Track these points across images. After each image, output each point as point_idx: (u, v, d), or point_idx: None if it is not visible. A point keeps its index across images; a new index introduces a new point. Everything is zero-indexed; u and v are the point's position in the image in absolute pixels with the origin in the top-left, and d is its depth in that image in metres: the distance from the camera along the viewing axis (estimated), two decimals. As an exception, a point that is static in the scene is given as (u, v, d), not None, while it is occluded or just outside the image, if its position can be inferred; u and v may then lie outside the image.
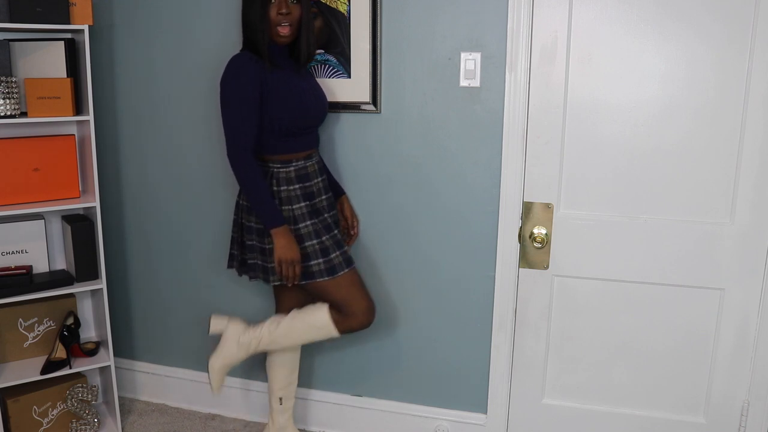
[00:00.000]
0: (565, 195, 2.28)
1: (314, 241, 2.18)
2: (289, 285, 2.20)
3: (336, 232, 2.27)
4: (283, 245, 2.13)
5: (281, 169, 2.19)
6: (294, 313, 2.31)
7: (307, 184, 2.22)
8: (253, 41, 2.12)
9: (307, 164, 2.23)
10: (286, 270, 2.14)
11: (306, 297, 2.35)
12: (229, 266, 2.36)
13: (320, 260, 2.18)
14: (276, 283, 2.23)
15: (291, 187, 2.18)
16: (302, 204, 2.19)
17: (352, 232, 2.47)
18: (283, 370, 2.45)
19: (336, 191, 2.43)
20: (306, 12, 2.16)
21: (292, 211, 2.18)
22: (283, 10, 2.08)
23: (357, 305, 2.24)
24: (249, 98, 2.07)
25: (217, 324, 2.35)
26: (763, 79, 2.03)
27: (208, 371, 2.33)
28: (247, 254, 2.27)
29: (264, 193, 2.12)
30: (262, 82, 2.09)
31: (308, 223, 2.19)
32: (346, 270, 2.22)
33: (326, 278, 2.19)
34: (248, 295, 2.69)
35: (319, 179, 2.27)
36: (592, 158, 2.23)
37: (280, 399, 2.47)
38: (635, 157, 2.19)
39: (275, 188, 2.18)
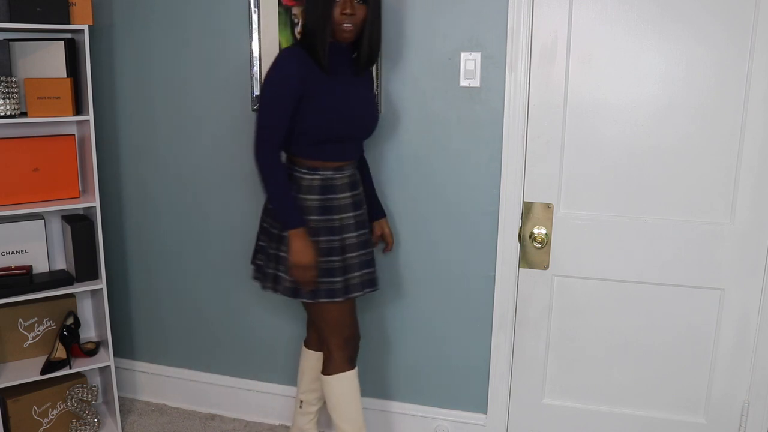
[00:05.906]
0: (565, 195, 2.28)
1: (320, 259, 2.06)
2: (304, 292, 2.08)
3: (354, 254, 2.14)
4: (298, 248, 2.01)
5: (305, 176, 2.07)
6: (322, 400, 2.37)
7: (330, 197, 2.08)
8: (311, 42, 1.99)
9: (336, 176, 2.09)
10: (300, 275, 2.03)
11: None
12: (253, 262, 2.27)
13: (323, 280, 2.08)
14: (287, 295, 2.12)
15: (310, 197, 2.06)
16: (317, 217, 2.07)
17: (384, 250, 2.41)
18: (307, 376, 2.42)
19: (376, 212, 2.34)
20: (372, 13, 2.03)
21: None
22: (347, 11, 1.96)
23: (340, 333, 2.19)
24: (285, 95, 1.98)
25: None
26: (763, 79, 2.03)
27: None
28: (263, 260, 2.17)
29: (285, 191, 2.02)
30: (305, 81, 1.98)
31: (319, 239, 2.07)
32: (342, 299, 2.12)
33: (324, 300, 2.10)
34: (249, 296, 2.69)
35: (349, 194, 2.13)
36: (592, 158, 2.23)
37: (301, 402, 2.44)
38: (635, 157, 2.19)
39: (294, 194, 2.06)
